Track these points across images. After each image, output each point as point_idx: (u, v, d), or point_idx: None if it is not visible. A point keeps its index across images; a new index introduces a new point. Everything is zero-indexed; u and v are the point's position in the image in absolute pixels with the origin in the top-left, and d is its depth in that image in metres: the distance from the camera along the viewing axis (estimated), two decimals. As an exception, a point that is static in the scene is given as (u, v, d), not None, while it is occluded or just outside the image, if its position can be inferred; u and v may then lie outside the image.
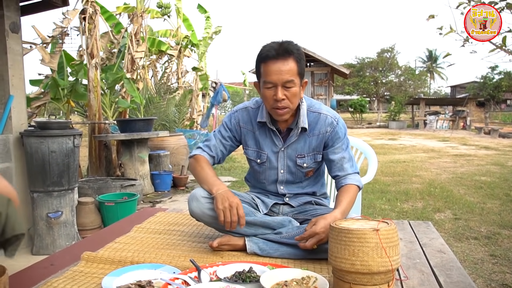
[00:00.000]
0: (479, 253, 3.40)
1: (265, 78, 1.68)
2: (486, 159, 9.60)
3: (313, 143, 1.82)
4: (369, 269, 1.26)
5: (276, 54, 1.64)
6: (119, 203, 4.16)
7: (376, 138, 16.14)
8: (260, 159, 1.86)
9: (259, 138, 1.85)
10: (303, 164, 1.84)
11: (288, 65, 1.64)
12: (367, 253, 1.27)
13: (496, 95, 28.88)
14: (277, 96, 1.65)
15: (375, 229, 1.28)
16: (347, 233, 1.30)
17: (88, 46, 5.80)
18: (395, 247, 1.30)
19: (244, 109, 1.90)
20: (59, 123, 3.61)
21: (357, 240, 1.28)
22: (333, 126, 1.81)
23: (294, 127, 1.80)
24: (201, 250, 1.79)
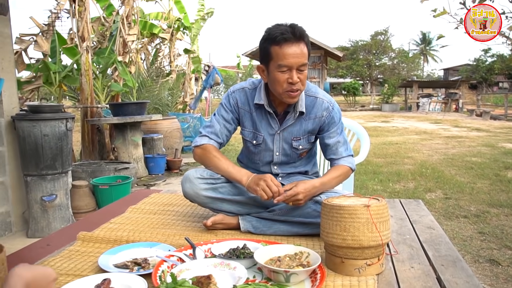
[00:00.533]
0: (468, 230, 3.48)
1: (281, 61, 1.63)
2: (477, 141, 9.70)
3: (309, 127, 1.84)
4: (360, 243, 1.30)
5: (294, 37, 1.62)
6: (113, 186, 4.18)
7: (369, 120, 16.20)
8: (256, 141, 1.87)
9: (256, 119, 1.85)
10: (298, 147, 1.86)
11: (303, 49, 1.64)
12: (358, 228, 1.30)
13: (489, 77, 28.98)
14: (293, 79, 1.64)
15: (366, 205, 1.31)
16: (338, 209, 1.33)
17: (79, 29, 5.72)
18: (385, 223, 1.34)
19: (241, 90, 1.88)
20: (51, 106, 3.59)
21: (349, 216, 1.31)
22: (329, 110, 1.83)
23: (291, 110, 1.80)
24: (196, 229, 1.82)
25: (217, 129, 1.86)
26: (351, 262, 1.32)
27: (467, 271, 1.35)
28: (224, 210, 1.79)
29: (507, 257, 2.92)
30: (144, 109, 5.99)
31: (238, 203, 1.79)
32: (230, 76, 17.97)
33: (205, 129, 1.88)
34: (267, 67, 1.71)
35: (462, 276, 1.31)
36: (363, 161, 3.83)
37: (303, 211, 1.70)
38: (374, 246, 1.31)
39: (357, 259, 1.31)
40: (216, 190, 1.77)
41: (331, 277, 1.31)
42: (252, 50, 19.32)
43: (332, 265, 1.36)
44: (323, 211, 1.39)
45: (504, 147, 8.60)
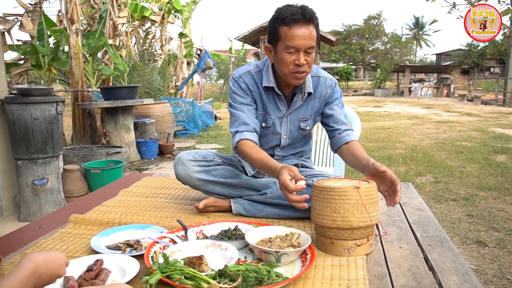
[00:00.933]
0: (457, 213, 3.54)
1: (289, 42, 1.62)
2: (468, 125, 9.79)
3: (316, 106, 1.85)
4: (349, 224, 1.32)
5: (304, 19, 1.60)
6: (105, 170, 4.17)
7: (361, 105, 16.24)
8: (266, 123, 1.85)
9: (266, 101, 1.83)
10: (306, 127, 1.87)
11: (313, 31, 1.62)
12: (348, 209, 1.32)
13: (480, 62, 29.08)
14: (300, 61, 1.62)
15: (356, 186, 1.33)
16: (329, 191, 1.34)
17: (68, 11, 5.61)
18: (374, 204, 1.36)
19: (247, 73, 1.83)
20: (41, 89, 3.55)
21: (339, 198, 1.33)
22: (332, 87, 1.85)
23: (298, 91, 1.80)
24: (188, 212, 1.83)
25: (243, 118, 1.76)
26: (340, 243, 1.34)
27: (453, 250, 1.38)
28: (216, 192, 1.80)
29: (494, 238, 2.99)
30: (135, 93, 5.94)
31: (230, 186, 1.80)
32: (222, 60, 17.85)
33: (233, 126, 1.78)
34: (274, 48, 1.69)
35: (449, 255, 1.34)
36: (355, 145, 3.85)
37: (295, 195, 1.71)
38: (363, 227, 1.34)
39: (346, 240, 1.34)
40: (208, 173, 1.78)
41: (321, 257, 1.33)
42: (244, 34, 19.12)
43: (322, 246, 1.39)
44: (314, 193, 1.41)
45: (494, 131, 8.69)
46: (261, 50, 19.46)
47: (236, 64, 16.85)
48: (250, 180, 1.83)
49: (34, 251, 0.76)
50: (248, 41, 19.33)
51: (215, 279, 1.09)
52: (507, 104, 16.21)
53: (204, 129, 9.23)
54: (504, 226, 3.22)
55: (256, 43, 19.73)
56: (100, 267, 1.16)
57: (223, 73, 18.27)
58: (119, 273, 1.19)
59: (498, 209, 3.65)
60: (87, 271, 1.13)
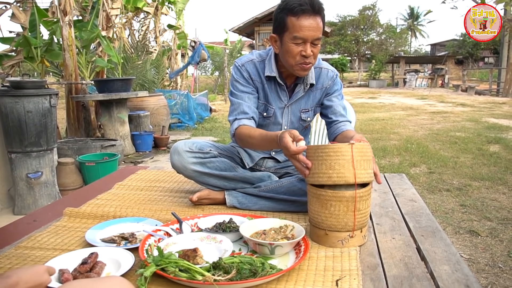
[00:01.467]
0: (450, 203, 3.57)
1: (296, 33, 1.60)
2: (462, 116, 9.83)
3: (317, 97, 1.86)
4: (345, 180, 1.31)
5: (312, 10, 1.59)
6: (100, 163, 4.16)
7: (356, 97, 16.25)
8: (267, 113, 1.84)
9: (268, 91, 1.82)
10: (306, 118, 1.88)
11: (320, 22, 1.61)
12: (343, 165, 1.32)
13: (475, 53, 29.14)
14: (307, 52, 1.61)
15: (350, 143, 1.33)
16: (323, 149, 1.34)
17: (61, 2, 5.55)
18: (368, 161, 1.36)
19: (250, 62, 1.82)
20: (34, 82, 3.52)
21: (334, 154, 1.33)
22: (333, 79, 1.86)
23: (301, 82, 1.80)
24: (182, 204, 1.84)
25: (242, 106, 1.76)
26: (334, 234, 1.35)
27: (445, 240, 1.39)
28: (210, 184, 1.81)
29: (486, 228, 3.02)
30: (129, 86, 5.91)
31: (225, 179, 1.81)
32: (217, 52, 17.75)
33: (232, 114, 1.77)
34: (280, 38, 1.67)
35: (441, 245, 1.36)
36: (349, 137, 3.86)
37: (288, 189, 1.72)
38: (359, 184, 1.32)
39: (340, 231, 1.35)
40: (204, 165, 1.78)
41: (314, 249, 1.34)
42: (239, 26, 19.01)
43: (316, 238, 1.40)
44: (309, 153, 1.39)
45: (488, 121, 8.74)
46: (256, 42, 19.36)
47: (230, 56, 16.76)
48: (245, 173, 1.84)
49: (19, 265, 0.75)
50: (243, 33, 19.23)
51: (209, 272, 1.09)
52: (501, 94, 16.28)
53: (199, 121, 9.20)
54: (496, 216, 3.25)
55: (250, 34, 19.62)
56: (95, 260, 1.17)
57: (218, 65, 18.18)
58: (114, 266, 1.19)
59: (490, 198, 3.69)
60: (82, 264, 1.14)
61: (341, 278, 1.14)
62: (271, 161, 1.97)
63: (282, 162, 1.96)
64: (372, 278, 1.15)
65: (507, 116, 9.67)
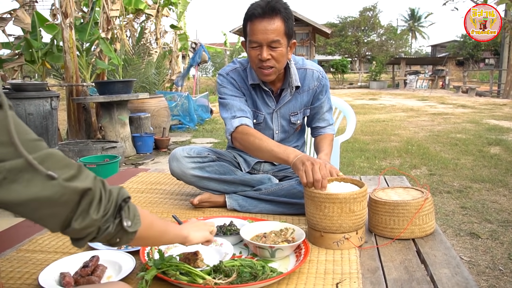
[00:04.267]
0: (450, 205, 3.57)
1: (250, 37, 1.64)
2: (463, 117, 9.83)
3: (305, 99, 1.86)
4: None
5: (262, 13, 1.59)
6: (100, 165, 4.16)
7: (357, 98, 16.26)
8: (257, 120, 1.85)
9: (255, 98, 1.83)
10: (296, 121, 1.89)
11: (274, 24, 1.60)
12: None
13: (475, 54, 29.17)
14: (262, 56, 1.62)
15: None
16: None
17: (62, 5, 5.57)
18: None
19: (234, 71, 1.83)
20: (35, 85, 3.54)
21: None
22: (319, 79, 1.86)
23: (286, 87, 1.81)
24: (183, 207, 1.84)
25: (238, 105, 1.73)
26: (329, 236, 1.36)
27: (445, 243, 1.40)
28: (210, 188, 1.81)
29: (487, 230, 3.02)
30: (130, 88, 5.92)
31: (224, 182, 1.81)
32: (217, 53, 17.78)
33: (228, 113, 1.73)
34: (245, 44, 1.72)
35: (441, 248, 1.36)
36: (350, 139, 3.87)
37: (289, 192, 1.73)
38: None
39: (335, 233, 1.36)
40: (203, 169, 1.79)
41: (315, 252, 1.35)
42: (239, 27, 19.03)
43: (313, 239, 1.41)
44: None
45: (488, 123, 8.74)
46: None
47: (230, 57, 16.78)
48: (244, 176, 1.84)
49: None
50: (242, 34, 19.21)
51: (210, 275, 1.10)
52: (502, 96, 16.28)
53: (200, 123, 9.21)
54: (497, 218, 3.25)
55: (251, 36, 19.61)
56: (96, 263, 1.17)
57: (218, 67, 18.22)
58: (115, 269, 1.20)
59: (491, 200, 3.69)
60: (83, 267, 1.14)
61: (341, 281, 1.14)
62: (268, 164, 1.98)
63: (279, 165, 1.97)
64: (372, 282, 1.15)
65: (507, 118, 9.67)
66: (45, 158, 0.67)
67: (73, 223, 0.72)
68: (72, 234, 0.75)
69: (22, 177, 0.64)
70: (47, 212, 0.68)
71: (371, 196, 1.49)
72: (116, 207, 0.79)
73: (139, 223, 0.84)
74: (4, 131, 0.62)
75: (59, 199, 0.68)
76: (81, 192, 0.71)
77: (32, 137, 0.68)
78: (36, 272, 1.20)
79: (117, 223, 0.79)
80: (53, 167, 0.67)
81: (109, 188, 0.79)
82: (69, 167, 0.71)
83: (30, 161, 0.64)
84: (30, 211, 0.67)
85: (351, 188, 1.42)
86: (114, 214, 0.79)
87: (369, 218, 1.50)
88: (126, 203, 0.81)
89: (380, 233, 1.46)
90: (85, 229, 0.74)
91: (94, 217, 0.74)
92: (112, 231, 0.78)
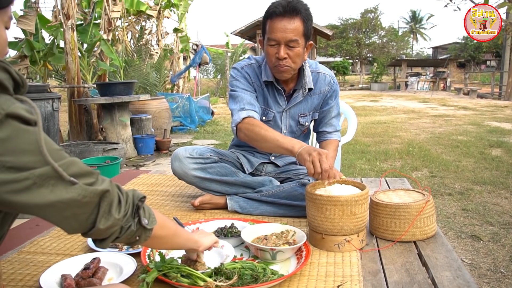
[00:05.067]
0: (452, 208, 3.57)
1: (269, 35, 1.64)
2: (464, 119, 9.82)
3: (315, 102, 1.87)
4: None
5: (283, 12, 1.61)
6: (102, 167, 4.16)
7: (358, 100, 16.26)
8: (266, 117, 1.85)
9: (267, 95, 1.83)
10: (304, 123, 1.89)
11: (294, 24, 1.61)
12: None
13: (477, 56, 29.13)
14: (279, 54, 1.63)
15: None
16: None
17: (64, 7, 5.58)
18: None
19: (249, 66, 1.84)
20: (37, 86, 3.55)
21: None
22: (331, 84, 1.87)
23: (299, 88, 1.81)
24: (184, 209, 1.84)
25: (248, 98, 1.73)
26: (331, 238, 1.36)
27: (446, 246, 1.39)
28: (212, 189, 1.81)
29: (488, 232, 3.02)
30: (131, 89, 5.93)
31: (226, 184, 1.81)
32: (219, 55, 17.79)
33: (236, 105, 1.72)
34: (263, 41, 1.72)
35: (442, 251, 1.36)
36: (351, 141, 3.86)
37: (290, 194, 1.73)
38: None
39: (336, 235, 1.36)
40: (205, 170, 1.79)
41: (316, 254, 1.34)
42: (241, 29, 19.05)
43: (314, 241, 1.41)
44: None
45: (490, 125, 8.73)
46: (258, 45, 19.40)
47: (232, 59, 16.79)
48: (246, 178, 1.84)
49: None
50: (244, 36, 19.24)
51: (211, 277, 1.10)
52: (503, 98, 16.26)
53: (201, 124, 9.21)
54: (498, 220, 3.25)
55: (252, 37, 19.64)
56: (97, 265, 1.17)
57: (219, 68, 18.22)
58: (116, 271, 1.20)
59: (492, 203, 3.68)
60: (84, 269, 1.14)
61: (342, 284, 1.14)
62: (271, 166, 1.98)
63: (282, 167, 1.97)
64: (373, 284, 1.15)
65: (509, 120, 9.65)
66: (68, 165, 0.75)
67: (98, 224, 0.79)
68: (96, 235, 0.83)
69: (48, 182, 0.72)
70: (69, 213, 0.76)
71: (372, 198, 1.49)
72: (134, 207, 0.87)
73: (155, 221, 0.92)
74: (35, 143, 0.71)
75: (81, 200, 0.75)
76: (100, 193, 0.79)
77: (56, 147, 0.76)
78: (37, 274, 1.20)
79: (137, 221, 0.87)
80: (75, 174, 0.76)
81: (124, 191, 0.88)
82: (88, 174, 0.79)
83: (56, 168, 0.72)
84: (55, 212, 0.75)
85: (352, 190, 1.42)
86: (133, 214, 0.87)
87: (370, 221, 1.50)
88: (142, 203, 0.89)
89: (381, 236, 1.46)
90: (109, 228, 0.82)
91: (117, 217, 0.82)
92: (134, 229, 0.86)
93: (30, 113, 0.72)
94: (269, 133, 1.60)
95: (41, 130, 0.72)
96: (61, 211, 0.75)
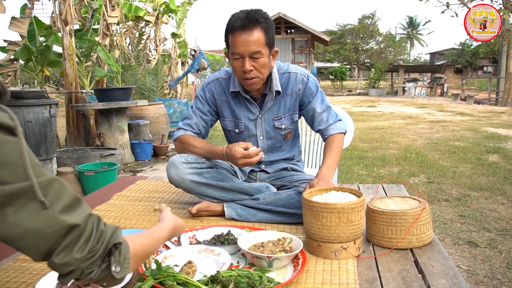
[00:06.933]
0: (449, 214, 3.57)
1: (232, 49, 1.66)
2: (461, 125, 9.85)
3: (288, 103, 1.86)
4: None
5: (242, 25, 1.61)
6: (99, 173, 4.16)
7: (355, 105, 16.30)
8: (238, 129, 1.88)
9: (234, 108, 1.86)
10: (281, 126, 1.88)
11: (255, 36, 1.62)
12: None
13: (474, 61, 29.31)
14: (244, 67, 1.65)
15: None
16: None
17: (62, 12, 5.59)
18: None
19: (216, 81, 1.89)
20: (34, 92, 3.55)
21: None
22: (304, 82, 1.85)
23: (268, 92, 1.82)
24: (181, 216, 1.84)
25: (193, 121, 1.89)
26: (327, 246, 1.36)
27: (443, 253, 1.40)
28: (208, 195, 1.81)
29: (485, 238, 3.02)
30: (129, 95, 5.93)
31: (222, 189, 1.81)
32: (217, 60, 17.83)
33: (182, 122, 1.91)
34: (228, 55, 1.74)
35: (438, 258, 1.36)
36: (349, 146, 3.86)
37: (287, 202, 1.73)
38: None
39: (333, 243, 1.36)
40: (201, 175, 1.79)
41: (312, 262, 1.34)
42: (239, 34, 19.09)
43: (311, 249, 1.41)
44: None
45: (487, 131, 8.76)
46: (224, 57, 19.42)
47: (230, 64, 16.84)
48: (242, 184, 1.84)
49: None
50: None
51: (207, 285, 1.10)
52: (500, 103, 16.33)
53: (199, 129, 9.21)
54: (495, 226, 3.25)
55: (250, 43, 19.66)
56: (93, 274, 1.17)
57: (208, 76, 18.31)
58: (112, 280, 1.19)
59: (489, 209, 3.69)
60: (80, 278, 1.14)
61: (339, 292, 1.14)
62: (263, 173, 1.99)
63: (272, 174, 1.97)
64: (370, 292, 1.15)
65: (506, 126, 9.70)
66: (46, 184, 0.68)
67: (54, 257, 0.70)
68: (53, 268, 0.72)
69: (16, 201, 0.64)
70: (29, 242, 0.67)
71: (369, 205, 1.50)
72: (106, 251, 0.75)
73: (128, 268, 0.80)
74: (18, 155, 0.64)
75: (43, 230, 0.67)
76: (68, 227, 0.69)
77: (38, 162, 0.69)
78: (33, 282, 1.20)
79: (104, 267, 0.75)
80: (50, 195, 0.68)
81: (102, 229, 0.76)
82: (65, 197, 0.70)
83: (34, 185, 0.65)
84: (13, 238, 0.66)
85: (349, 197, 1.43)
86: (102, 258, 0.75)
87: (367, 228, 1.50)
88: (117, 249, 0.77)
89: (377, 243, 1.46)
90: (65, 266, 0.71)
91: (77, 256, 0.71)
92: (95, 277, 0.74)
93: (13, 122, 0.65)
94: (198, 151, 1.80)
95: (24, 142, 0.66)
96: (21, 238, 0.66)
